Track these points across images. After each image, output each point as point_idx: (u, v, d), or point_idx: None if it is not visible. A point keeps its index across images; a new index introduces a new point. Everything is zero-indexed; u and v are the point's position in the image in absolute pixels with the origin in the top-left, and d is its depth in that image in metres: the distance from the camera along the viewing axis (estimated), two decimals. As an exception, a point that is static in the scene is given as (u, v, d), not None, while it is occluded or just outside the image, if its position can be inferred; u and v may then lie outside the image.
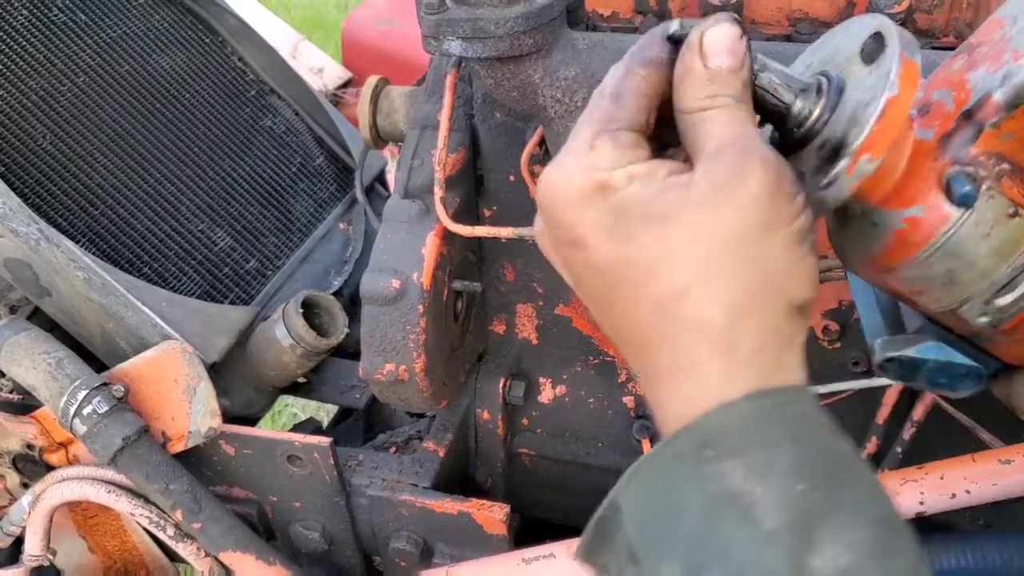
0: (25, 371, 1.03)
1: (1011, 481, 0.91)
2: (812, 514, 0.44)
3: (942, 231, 0.51)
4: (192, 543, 1.07)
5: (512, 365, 1.16)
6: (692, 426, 0.47)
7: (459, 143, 1.00)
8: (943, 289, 0.54)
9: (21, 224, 1.05)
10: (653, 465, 0.49)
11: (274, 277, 1.33)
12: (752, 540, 0.44)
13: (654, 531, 0.47)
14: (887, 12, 0.87)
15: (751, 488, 0.45)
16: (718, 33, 0.50)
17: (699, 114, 0.50)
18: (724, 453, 0.46)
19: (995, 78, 0.51)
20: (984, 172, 0.51)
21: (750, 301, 0.47)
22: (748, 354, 0.47)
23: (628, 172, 0.50)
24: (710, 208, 0.47)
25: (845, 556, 0.43)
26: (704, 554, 0.45)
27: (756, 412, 0.47)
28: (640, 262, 0.49)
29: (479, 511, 1.04)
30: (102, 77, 1.27)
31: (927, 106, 0.55)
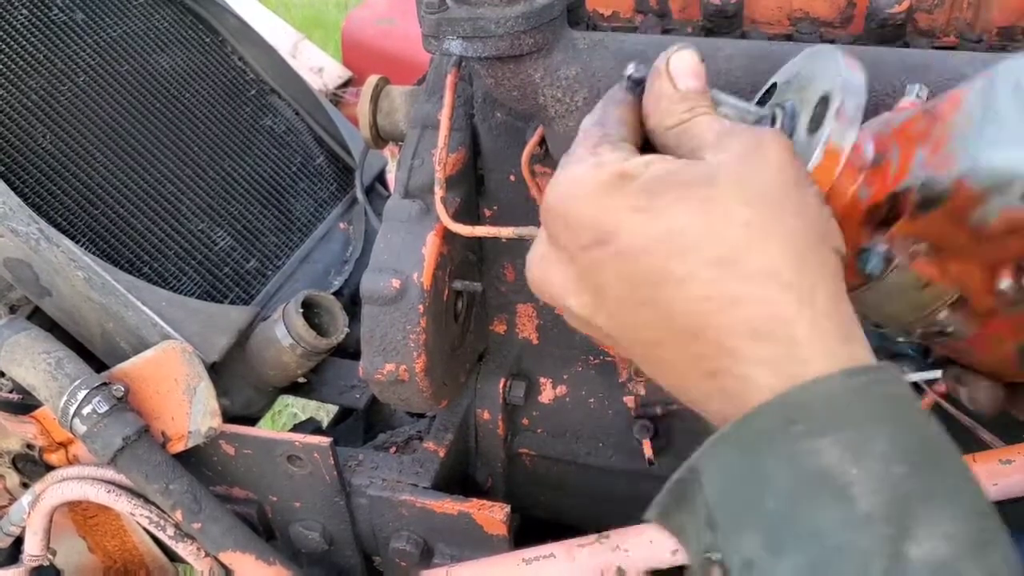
0: (25, 371, 1.03)
1: (1012, 481, 0.91)
2: (910, 500, 0.43)
3: (853, 285, 0.53)
4: (192, 543, 1.07)
5: (512, 365, 1.16)
6: (781, 399, 0.45)
7: (459, 143, 1.00)
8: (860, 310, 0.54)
9: (21, 224, 1.04)
10: (738, 435, 0.47)
11: (274, 277, 1.33)
12: (846, 522, 0.42)
13: (737, 501, 0.46)
14: (887, 12, 0.87)
15: (846, 468, 0.43)
16: (682, 58, 0.53)
17: (684, 125, 0.52)
18: (817, 429, 0.44)
19: (922, 174, 0.51)
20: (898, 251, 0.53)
21: (811, 248, 0.46)
22: (826, 304, 0.46)
23: (644, 159, 0.50)
24: (744, 172, 0.47)
25: (943, 547, 0.42)
26: (792, 531, 0.44)
27: (851, 389, 0.45)
28: (691, 228, 0.47)
29: (479, 511, 1.03)
30: (102, 76, 1.26)
31: (880, 157, 0.55)
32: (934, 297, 0.53)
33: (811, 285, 0.46)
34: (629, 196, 0.48)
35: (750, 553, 0.44)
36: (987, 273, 0.53)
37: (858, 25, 0.92)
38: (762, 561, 0.44)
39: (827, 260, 0.47)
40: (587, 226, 0.49)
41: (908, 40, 0.90)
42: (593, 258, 0.50)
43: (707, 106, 0.52)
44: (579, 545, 1.01)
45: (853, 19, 0.92)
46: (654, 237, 0.47)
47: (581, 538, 1.01)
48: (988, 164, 0.47)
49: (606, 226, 0.49)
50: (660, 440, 1.12)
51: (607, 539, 1.01)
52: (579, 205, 0.50)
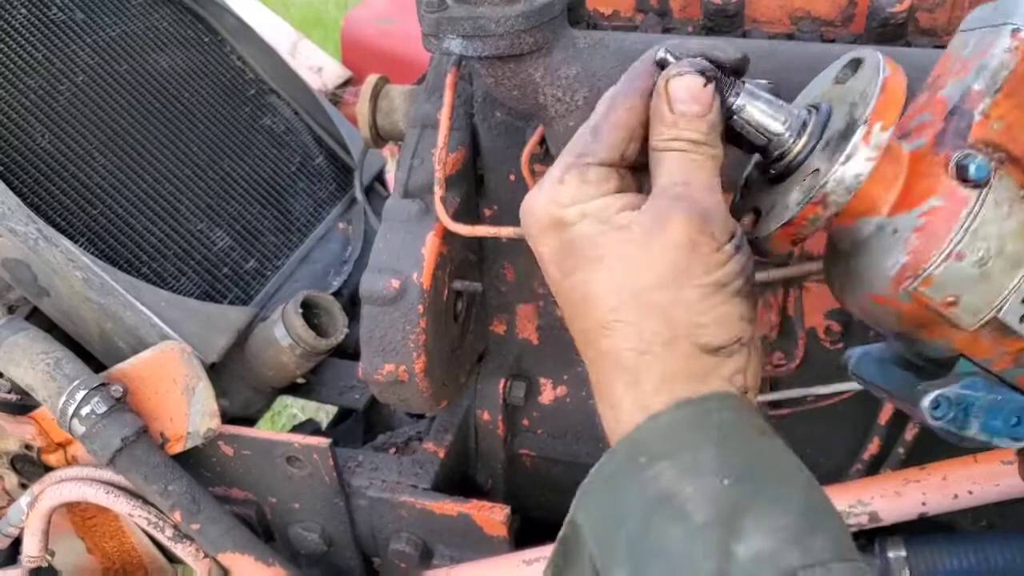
0: (23, 371, 1.03)
1: (1013, 481, 0.91)
2: (738, 506, 0.48)
3: (964, 212, 0.51)
4: (191, 544, 1.07)
5: (512, 365, 1.16)
6: (625, 438, 0.53)
7: (459, 142, 1.00)
8: (978, 288, 0.51)
9: (19, 223, 1.04)
10: (599, 480, 0.54)
11: (273, 277, 1.33)
12: (685, 534, 0.48)
13: (605, 540, 0.51)
14: (888, 11, 0.87)
15: (682, 487, 0.49)
16: (681, 83, 0.55)
17: (660, 154, 0.55)
18: (656, 457, 0.50)
19: (970, 76, 0.52)
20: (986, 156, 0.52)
21: (656, 344, 0.52)
22: (654, 386, 0.53)
23: (582, 210, 0.55)
24: (636, 252, 0.53)
25: (768, 540, 0.47)
26: (645, 553, 0.49)
27: (680, 419, 0.52)
28: (575, 295, 0.55)
29: (479, 512, 1.03)
30: (101, 76, 1.26)
31: (908, 131, 0.55)
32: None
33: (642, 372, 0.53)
34: (556, 245, 0.56)
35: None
36: None
37: (859, 24, 0.91)
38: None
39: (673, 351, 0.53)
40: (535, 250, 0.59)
41: (909, 39, 0.90)
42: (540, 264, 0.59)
43: (689, 138, 0.54)
44: (579, 546, 1.00)
45: (854, 18, 0.92)
46: (559, 288, 0.57)
47: (581, 539, 1.01)
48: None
49: (541, 259, 0.58)
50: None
51: (607, 540, 1.01)
52: (529, 232, 0.58)
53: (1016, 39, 0.50)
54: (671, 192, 0.53)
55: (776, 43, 0.89)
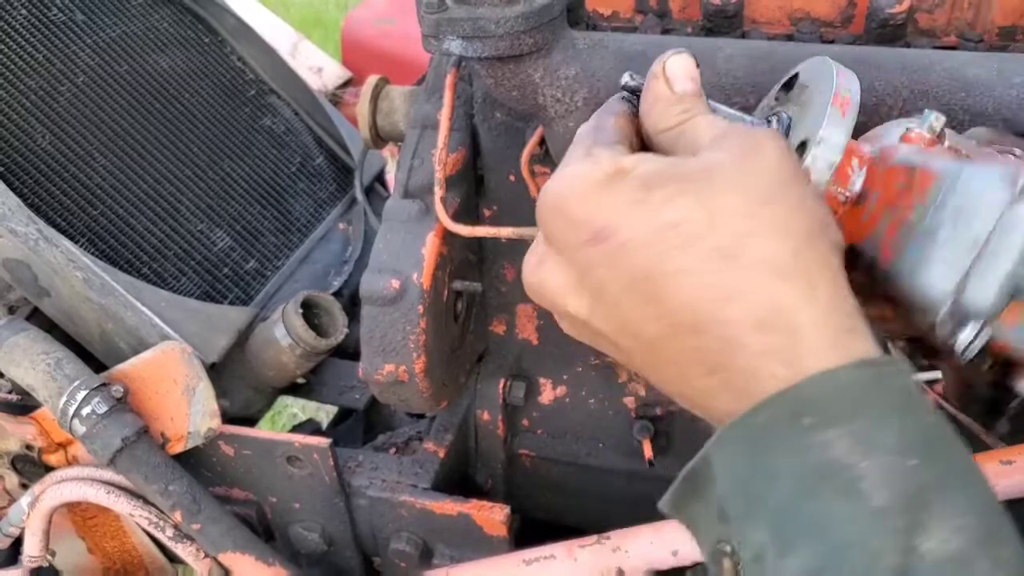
0: (24, 371, 1.03)
1: (1013, 482, 0.91)
2: (921, 493, 0.42)
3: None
4: (191, 544, 1.07)
5: (512, 366, 1.16)
6: (788, 392, 0.44)
7: (459, 143, 1.00)
8: None
9: (20, 224, 1.04)
10: (745, 429, 0.46)
11: (273, 277, 1.33)
12: (856, 516, 0.42)
13: (746, 494, 0.45)
14: (888, 12, 0.87)
15: (855, 461, 0.42)
16: (678, 62, 0.53)
17: (679, 127, 0.52)
18: (826, 422, 0.43)
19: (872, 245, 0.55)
20: None
21: (809, 239, 0.46)
22: (828, 292, 0.46)
23: (639, 156, 0.50)
24: (741, 169, 0.47)
25: (955, 540, 0.41)
26: (799, 526, 0.43)
27: (859, 381, 0.44)
28: (691, 219, 0.46)
29: (479, 512, 1.03)
30: (101, 77, 1.26)
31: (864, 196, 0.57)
32: None
33: (811, 277, 0.46)
34: (626, 191, 0.48)
35: (760, 547, 0.44)
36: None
37: (859, 25, 0.92)
38: (770, 556, 0.43)
39: (826, 253, 0.47)
40: (585, 223, 0.49)
41: (909, 40, 0.90)
42: (591, 255, 0.49)
43: (702, 109, 0.53)
44: (579, 546, 1.00)
45: (854, 19, 0.92)
46: (653, 230, 0.47)
47: (581, 539, 1.01)
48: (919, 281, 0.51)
49: (604, 221, 0.48)
50: (660, 441, 1.12)
51: (608, 540, 1.01)
52: (576, 202, 0.49)
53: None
54: (736, 128, 0.50)
55: (775, 44, 0.89)
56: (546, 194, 0.51)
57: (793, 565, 0.42)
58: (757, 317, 0.45)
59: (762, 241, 0.46)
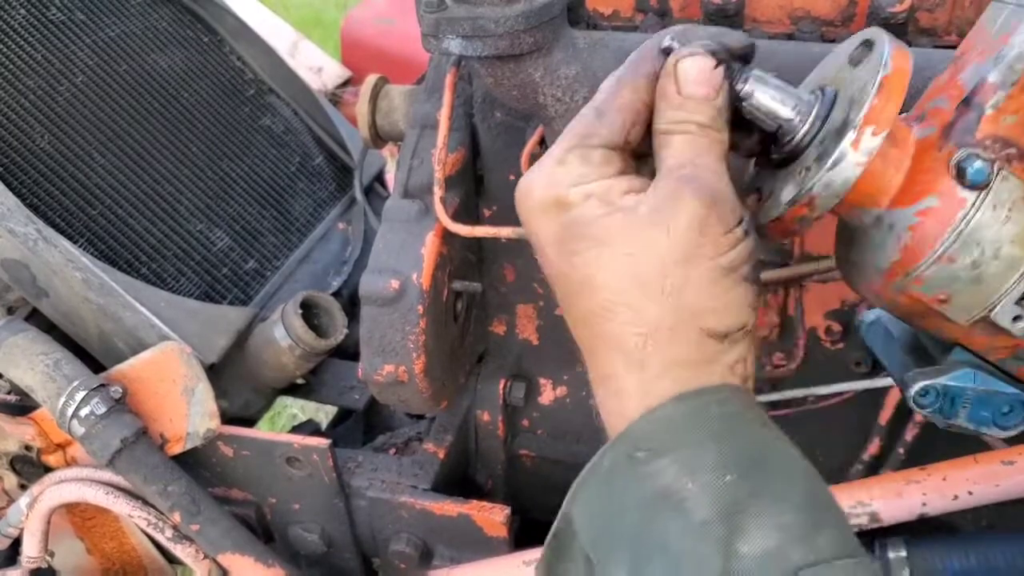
0: (23, 372, 1.03)
1: (1013, 482, 0.91)
2: (739, 503, 0.47)
3: (959, 216, 0.49)
4: (190, 545, 1.07)
5: (512, 366, 1.16)
6: (624, 434, 0.52)
7: (459, 142, 1.00)
8: (970, 289, 0.51)
9: (19, 224, 1.04)
10: (595, 474, 0.53)
11: (273, 277, 1.32)
12: (686, 532, 0.47)
13: (602, 536, 0.51)
14: (889, 11, 0.87)
15: (683, 484, 0.48)
16: (691, 64, 0.53)
17: (665, 136, 0.54)
18: (654, 454, 0.50)
19: (988, 64, 0.50)
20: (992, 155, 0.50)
21: (661, 328, 0.51)
22: (658, 372, 0.51)
23: (585, 191, 0.54)
24: (642, 234, 0.51)
25: (771, 538, 0.46)
26: (646, 550, 0.48)
27: (679, 414, 0.51)
28: (576, 278, 0.53)
29: (479, 513, 1.03)
30: (100, 76, 1.26)
31: (923, 114, 0.54)
32: None
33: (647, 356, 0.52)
34: (556, 227, 0.54)
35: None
36: None
37: (859, 24, 0.91)
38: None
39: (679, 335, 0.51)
40: (529, 232, 0.57)
41: (910, 39, 0.90)
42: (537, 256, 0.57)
43: (697, 121, 0.53)
44: (579, 547, 1.00)
45: (854, 18, 0.92)
46: (557, 271, 0.55)
47: (581, 540, 1.00)
48: None
49: (537, 242, 0.56)
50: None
51: (608, 541, 1.01)
52: (525, 212, 0.57)
53: None
54: (679, 173, 0.52)
55: (776, 43, 0.89)
56: (518, 188, 0.58)
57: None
58: (600, 373, 0.54)
59: (616, 320, 0.52)
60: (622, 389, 0.53)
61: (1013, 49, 0.49)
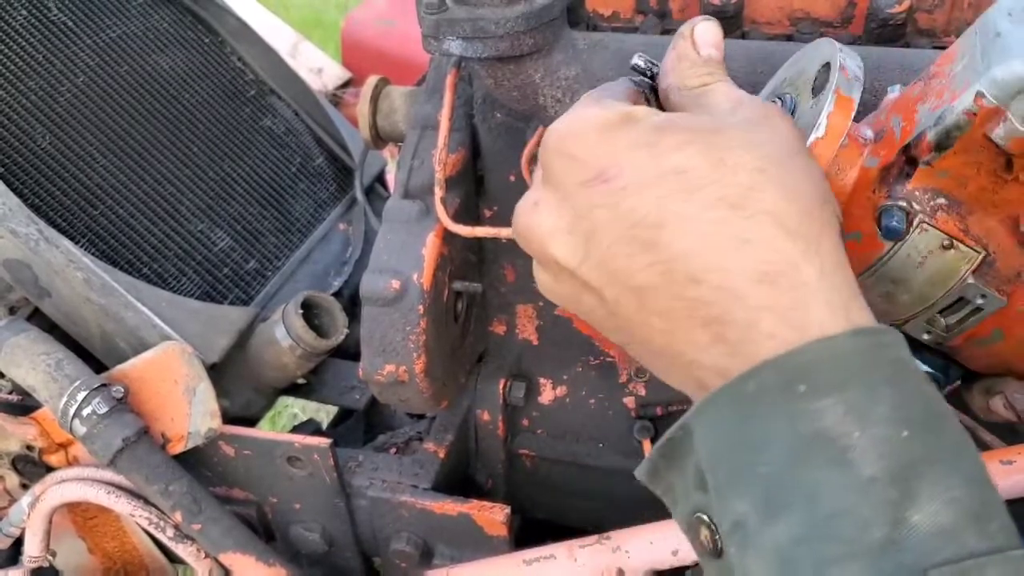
0: (24, 372, 1.03)
1: (1012, 482, 0.91)
2: (913, 465, 0.41)
3: (876, 258, 0.53)
4: (192, 544, 1.07)
5: (512, 366, 1.16)
6: (782, 359, 0.43)
7: (459, 143, 1.00)
8: (884, 306, 0.55)
9: (20, 224, 1.04)
10: (734, 395, 0.45)
11: (274, 278, 1.33)
12: (847, 486, 0.41)
13: (730, 463, 0.44)
14: (888, 12, 0.87)
15: (848, 430, 0.42)
16: (707, 27, 0.54)
17: (701, 88, 0.52)
18: (820, 390, 0.42)
19: (933, 117, 0.51)
20: (918, 206, 0.52)
21: (815, 204, 0.46)
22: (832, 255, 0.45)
23: (650, 109, 0.50)
24: (757, 130, 0.47)
25: (945, 513, 0.41)
26: (787, 495, 0.42)
27: (855, 350, 0.43)
28: (700, 166, 0.45)
29: (479, 512, 1.03)
30: (101, 77, 1.26)
31: (882, 132, 0.56)
32: (959, 259, 0.52)
33: (817, 239, 0.45)
34: (636, 134, 0.47)
35: (742, 515, 0.43)
36: (1010, 226, 0.52)
37: (858, 25, 0.92)
38: (753, 523, 0.43)
39: (830, 220, 0.47)
40: (588, 163, 0.48)
41: (908, 40, 0.90)
42: (592, 196, 0.48)
43: (724, 76, 0.52)
44: (580, 546, 1.00)
45: (853, 19, 0.92)
46: (659, 175, 0.46)
47: (582, 539, 1.01)
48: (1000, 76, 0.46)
49: (609, 161, 0.47)
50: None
51: (608, 540, 1.01)
52: (583, 141, 0.48)
53: (977, 104, 0.48)
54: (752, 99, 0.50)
55: (775, 44, 0.89)
56: (551, 133, 0.50)
57: (778, 532, 0.42)
58: (760, 269, 0.44)
59: (770, 196, 0.45)
60: (804, 281, 0.44)
61: (952, 115, 0.50)
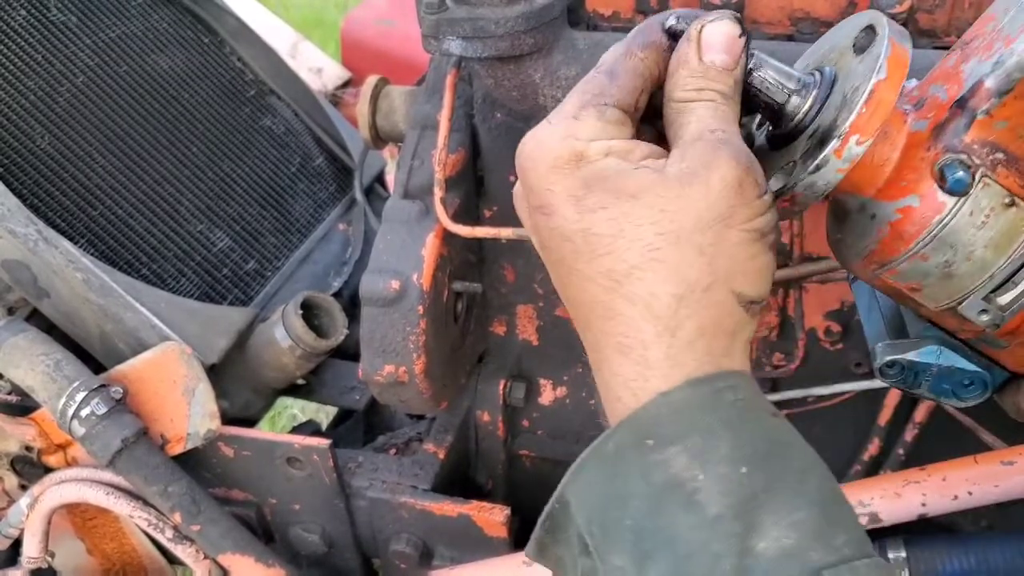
0: (23, 372, 1.03)
1: (1013, 482, 0.91)
2: (754, 497, 0.45)
3: (936, 220, 0.51)
4: (191, 545, 1.07)
5: (512, 366, 1.16)
6: (632, 417, 0.49)
7: (459, 143, 1.00)
8: (940, 284, 0.53)
9: (19, 225, 1.04)
10: (598, 458, 0.49)
11: (273, 278, 1.33)
12: (697, 526, 0.45)
13: (603, 522, 0.48)
14: (888, 12, 0.87)
15: (694, 474, 0.46)
16: (716, 29, 0.52)
17: (685, 104, 0.52)
18: (665, 441, 0.47)
19: (987, 65, 0.50)
20: (978, 160, 0.51)
21: (697, 288, 0.49)
22: (690, 337, 0.49)
23: (606, 146, 0.51)
24: (675, 193, 0.49)
25: (788, 537, 0.44)
26: (651, 542, 0.46)
27: (693, 400, 0.48)
28: (601, 234, 0.50)
29: (479, 513, 1.03)
30: (100, 77, 1.26)
31: (922, 101, 0.54)
32: (1021, 218, 0.51)
33: (679, 320, 0.49)
34: (574, 181, 0.51)
35: (620, 569, 0.47)
36: None
37: (859, 25, 0.91)
38: (632, 574, 0.46)
39: (714, 298, 0.49)
40: (537, 192, 0.53)
41: (909, 40, 0.90)
42: (537, 220, 0.53)
43: (718, 89, 0.52)
44: (579, 547, 1.00)
45: (854, 19, 0.92)
46: (576, 229, 0.51)
47: (581, 540, 1.00)
48: None
49: (548, 201, 0.52)
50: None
51: (607, 541, 1.01)
52: (535, 169, 0.53)
53: None
54: (711, 137, 0.50)
55: (775, 44, 0.89)
56: (523, 145, 0.55)
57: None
58: (619, 340, 0.50)
59: (649, 279, 0.49)
60: (648, 359, 0.49)
61: (1013, 56, 0.49)
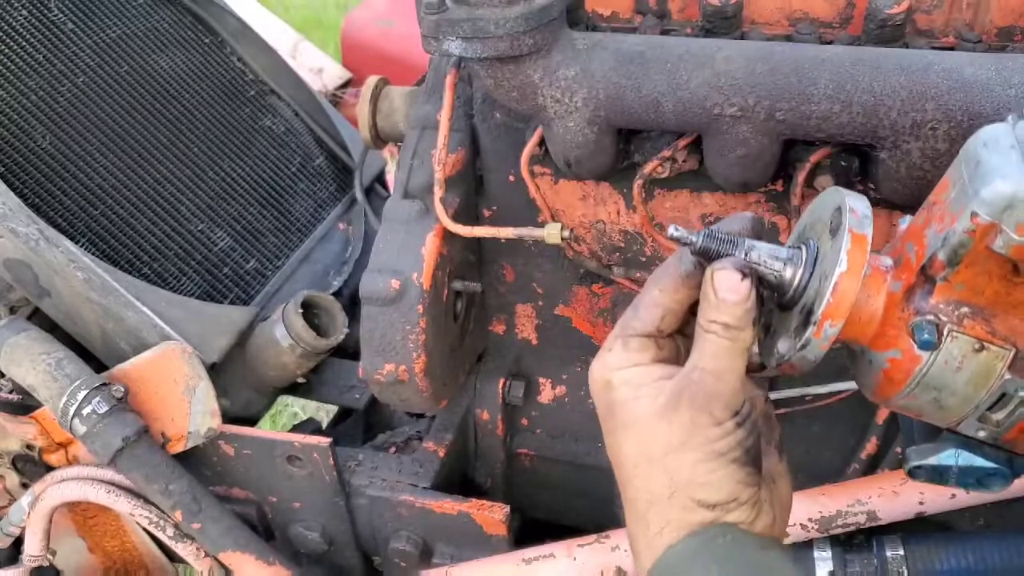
0: (25, 371, 1.03)
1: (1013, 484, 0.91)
2: None
3: (917, 369, 0.61)
4: (192, 543, 1.07)
5: (512, 365, 1.16)
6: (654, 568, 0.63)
7: (459, 143, 1.00)
8: (936, 413, 0.63)
9: (21, 224, 1.04)
10: None
11: (274, 277, 1.33)
12: None
13: None
14: (887, 13, 0.87)
15: None
16: (721, 276, 0.63)
17: (700, 331, 0.63)
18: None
19: (939, 239, 0.59)
20: (945, 318, 0.60)
21: (662, 497, 0.63)
22: (657, 530, 0.63)
23: (624, 376, 0.66)
24: (651, 425, 0.63)
25: None
26: None
27: (689, 548, 0.62)
28: (613, 451, 0.66)
29: (479, 511, 1.04)
30: (102, 77, 1.27)
31: (900, 258, 0.63)
32: (992, 359, 0.60)
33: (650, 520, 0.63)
34: (602, 404, 0.67)
35: None
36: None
37: (857, 26, 0.92)
38: None
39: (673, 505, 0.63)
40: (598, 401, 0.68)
41: (907, 41, 0.90)
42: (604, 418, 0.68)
43: (725, 321, 0.62)
44: (579, 545, 1.01)
45: (852, 20, 0.92)
46: (607, 440, 0.67)
47: (581, 538, 1.01)
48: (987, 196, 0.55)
49: (601, 410, 0.68)
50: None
51: (607, 539, 1.01)
52: (592, 389, 0.68)
53: (974, 222, 0.56)
54: (691, 374, 0.62)
55: (774, 44, 0.89)
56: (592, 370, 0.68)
57: None
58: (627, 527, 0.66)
59: (631, 485, 0.65)
60: (634, 547, 0.65)
61: (955, 236, 0.57)
